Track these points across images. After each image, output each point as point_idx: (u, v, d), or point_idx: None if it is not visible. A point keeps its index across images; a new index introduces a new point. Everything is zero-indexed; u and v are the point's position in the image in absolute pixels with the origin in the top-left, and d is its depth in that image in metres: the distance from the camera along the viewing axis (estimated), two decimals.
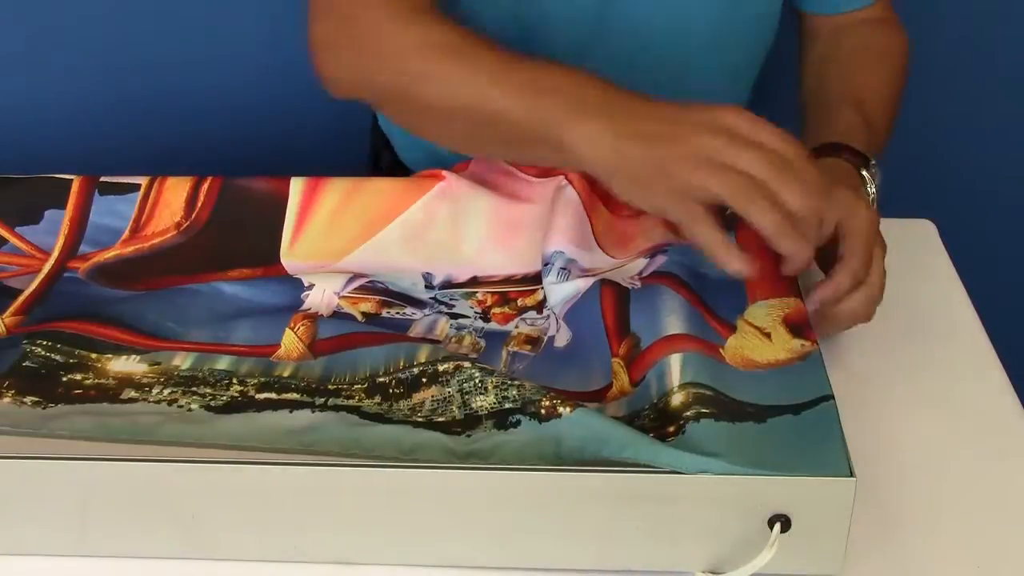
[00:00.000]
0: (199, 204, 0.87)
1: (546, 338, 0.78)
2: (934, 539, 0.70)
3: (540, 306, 0.80)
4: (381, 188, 0.87)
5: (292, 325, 0.77)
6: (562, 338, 0.78)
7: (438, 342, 0.77)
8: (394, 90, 0.80)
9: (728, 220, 0.85)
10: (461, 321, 0.80)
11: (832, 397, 0.68)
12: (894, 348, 0.85)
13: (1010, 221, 1.46)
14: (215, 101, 1.35)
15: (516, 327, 0.79)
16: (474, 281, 0.83)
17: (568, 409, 0.68)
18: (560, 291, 0.80)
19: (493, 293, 0.82)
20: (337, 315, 0.79)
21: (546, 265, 0.82)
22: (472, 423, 0.69)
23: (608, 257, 0.83)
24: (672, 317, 0.75)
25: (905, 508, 0.72)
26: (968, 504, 0.72)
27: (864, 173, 0.85)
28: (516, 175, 0.88)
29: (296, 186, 0.88)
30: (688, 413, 0.67)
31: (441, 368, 0.72)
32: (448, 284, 0.83)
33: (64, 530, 0.68)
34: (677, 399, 0.69)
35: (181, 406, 0.71)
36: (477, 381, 0.71)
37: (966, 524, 0.71)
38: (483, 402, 0.70)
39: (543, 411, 0.68)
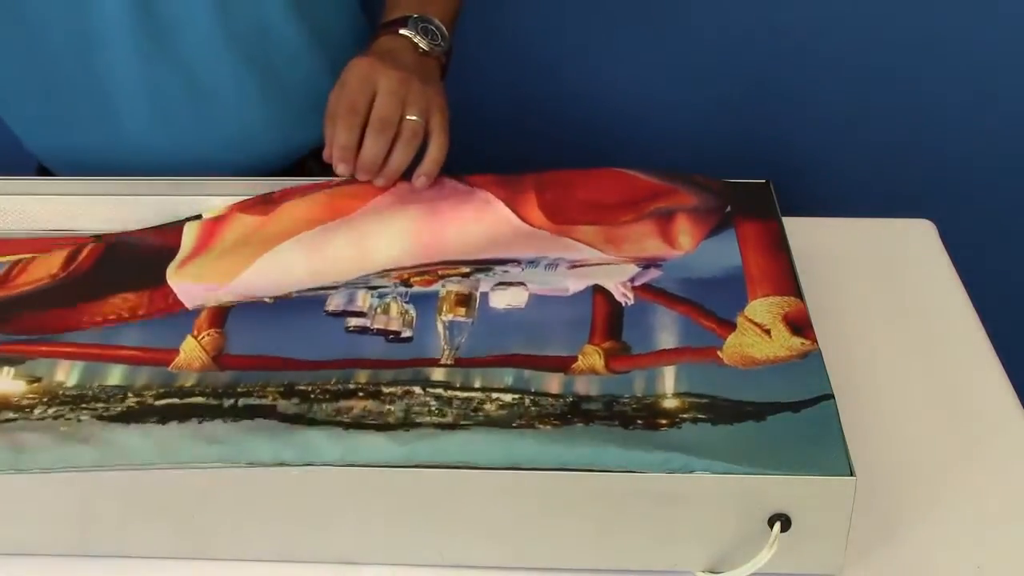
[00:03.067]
0: (80, 258, 0.83)
1: (478, 295, 0.75)
2: (934, 539, 0.70)
3: (465, 276, 0.78)
4: (282, 217, 0.85)
5: (196, 333, 0.72)
6: (509, 300, 0.76)
7: (380, 364, 0.72)
8: None
9: (727, 218, 0.85)
10: (382, 290, 0.77)
11: (832, 396, 0.68)
12: (894, 348, 0.85)
13: (1010, 221, 1.46)
14: None
15: (444, 287, 0.76)
16: (385, 272, 0.80)
17: (547, 427, 0.66)
18: (546, 278, 0.79)
19: (409, 271, 0.79)
20: (243, 306, 0.74)
21: (531, 263, 0.81)
22: (410, 426, 0.66)
23: (598, 252, 0.82)
24: (664, 333, 0.74)
25: (905, 508, 0.72)
26: (968, 504, 0.72)
27: (403, 32, 0.95)
28: (444, 185, 0.88)
29: (190, 231, 0.85)
30: (684, 416, 0.67)
31: (386, 391, 0.69)
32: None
33: (64, 530, 0.68)
34: (671, 403, 0.68)
35: (69, 419, 0.66)
36: (433, 408, 0.67)
37: (966, 524, 0.71)
38: (433, 420, 0.66)
39: (513, 425, 0.66)
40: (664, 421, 0.66)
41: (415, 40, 0.94)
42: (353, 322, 0.75)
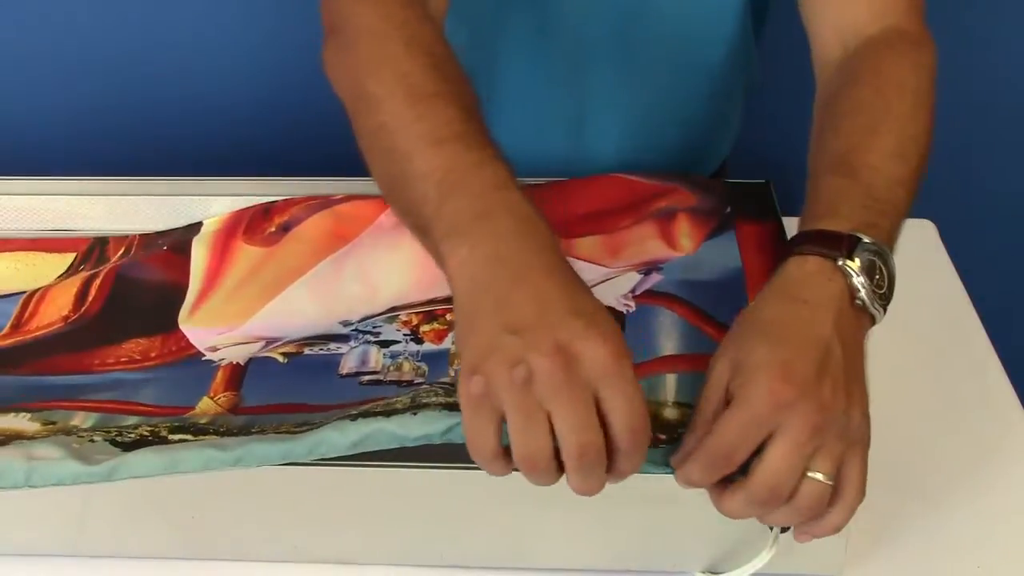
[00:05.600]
0: (90, 298, 0.82)
1: None
2: (934, 539, 0.70)
3: None
4: (288, 251, 0.84)
5: (212, 394, 0.73)
6: None
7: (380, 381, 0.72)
8: (348, 102, 0.71)
9: (726, 219, 0.85)
10: (394, 348, 0.76)
11: None
12: (894, 348, 0.85)
13: (1010, 221, 1.46)
14: (214, 100, 1.35)
15: (454, 344, 0.75)
16: (392, 310, 0.79)
17: None
18: None
19: (417, 313, 0.78)
20: (255, 361, 0.75)
21: None
22: (418, 408, 0.64)
23: (600, 267, 0.81)
24: (667, 339, 0.74)
25: (905, 508, 0.72)
26: (968, 504, 0.72)
27: (844, 263, 0.64)
28: None
29: (200, 252, 0.84)
30: (683, 430, 0.67)
31: (397, 399, 0.68)
32: (366, 318, 0.79)
33: (63, 530, 0.68)
34: (671, 413, 0.68)
35: (83, 436, 0.66)
36: (440, 393, 0.66)
37: (966, 524, 0.71)
38: (441, 400, 0.65)
39: None
40: (663, 436, 0.66)
41: (855, 283, 0.63)
42: (367, 378, 0.74)
